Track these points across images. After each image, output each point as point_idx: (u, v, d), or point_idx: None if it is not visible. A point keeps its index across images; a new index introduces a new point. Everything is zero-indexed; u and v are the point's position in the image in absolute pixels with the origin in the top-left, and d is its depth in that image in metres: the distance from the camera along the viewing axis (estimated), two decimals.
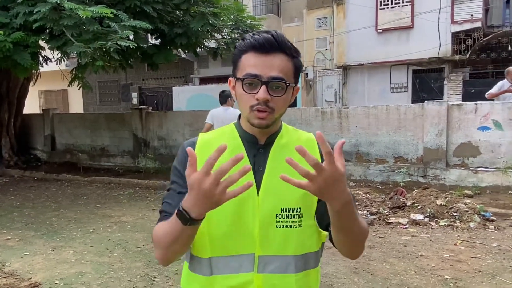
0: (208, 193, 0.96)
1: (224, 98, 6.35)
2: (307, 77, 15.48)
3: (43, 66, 9.79)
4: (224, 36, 9.95)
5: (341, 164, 0.97)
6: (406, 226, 5.35)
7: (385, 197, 6.45)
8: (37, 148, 12.72)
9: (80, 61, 7.20)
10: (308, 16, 16.05)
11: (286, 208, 1.16)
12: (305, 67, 15.25)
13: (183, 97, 14.80)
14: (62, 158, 12.00)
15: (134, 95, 18.39)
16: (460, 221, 5.31)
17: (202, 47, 9.94)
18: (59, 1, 6.23)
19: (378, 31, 14.35)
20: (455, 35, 13.31)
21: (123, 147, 11.24)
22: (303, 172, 0.95)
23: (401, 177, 7.76)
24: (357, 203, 4.57)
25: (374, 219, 5.63)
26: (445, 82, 13.75)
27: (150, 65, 9.54)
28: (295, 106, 10.83)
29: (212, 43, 10.14)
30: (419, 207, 5.73)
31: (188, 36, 8.48)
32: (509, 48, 13.29)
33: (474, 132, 7.33)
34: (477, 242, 4.73)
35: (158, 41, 9.28)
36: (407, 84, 14.45)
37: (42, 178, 10.01)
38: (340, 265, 4.08)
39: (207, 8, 8.32)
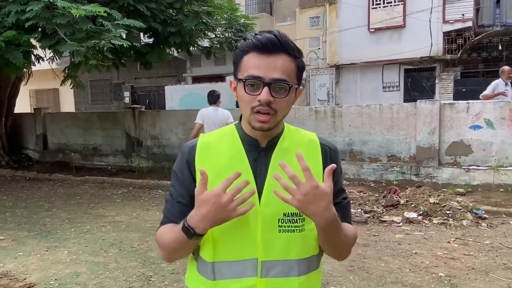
0: (223, 208, 1.02)
1: (215, 98, 6.36)
2: None
3: (35, 65, 9.70)
4: (218, 35, 9.93)
5: (328, 186, 1.01)
6: (400, 224, 5.40)
7: (379, 196, 6.50)
8: (29, 148, 12.60)
9: (73, 60, 7.14)
10: (301, 15, 16.07)
11: (289, 213, 1.14)
12: None
13: (176, 96, 14.76)
14: (54, 158, 11.91)
15: (126, 94, 18.29)
16: (453, 219, 5.37)
17: (196, 46, 9.92)
18: (52, 0, 6.18)
19: (370, 31, 14.41)
20: (447, 35, 13.40)
21: (116, 147, 11.18)
22: (283, 186, 1.00)
23: (394, 176, 7.82)
24: (352, 202, 4.57)
25: (368, 218, 5.67)
26: (437, 81, 13.85)
27: (144, 64, 9.50)
28: None
29: (206, 42, 10.13)
30: (413, 206, 5.78)
31: (182, 35, 8.46)
32: (500, 48, 13.42)
33: (466, 131, 7.40)
34: (470, 240, 4.79)
35: (152, 40, 9.24)
36: (399, 83, 14.53)
37: (34, 178, 9.94)
38: (336, 264, 4.10)
39: (201, 7, 8.32)
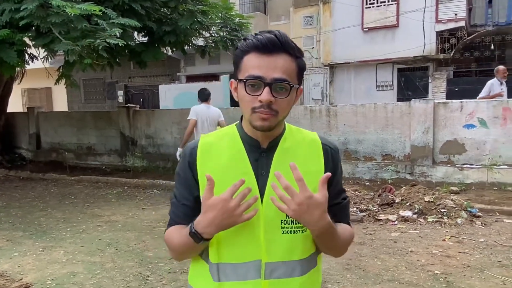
0: (230, 213, 1.04)
1: (206, 96, 6.51)
2: None
3: (29, 64, 9.63)
4: (212, 34, 9.93)
5: (322, 195, 1.03)
6: (396, 223, 5.44)
7: (374, 194, 6.53)
8: (22, 147, 12.52)
9: (68, 59, 7.09)
10: (295, 15, 16.10)
11: None
12: None
13: (170, 95, 14.74)
14: (48, 157, 11.84)
15: (120, 93, 18.16)
16: (448, 217, 5.41)
17: (190, 45, 9.91)
18: None
19: (364, 30, 14.48)
20: (440, 34, 13.50)
21: (110, 146, 11.13)
22: (278, 195, 1.03)
23: (389, 174, 7.87)
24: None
25: (364, 216, 5.70)
26: (430, 81, 13.95)
27: (138, 63, 9.46)
28: None
29: (201, 41, 10.12)
30: (408, 204, 5.82)
31: (177, 34, 8.46)
32: (492, 47, 13.55)
33: (460, 130, 7.46)
34: (465, 238, 4.83)
35: (146, 39, 9.22)
36: (393, 82, 14.61)
37: (28, 178, 9.86)
38: (332, 262, 4.12)
39: (196, 6, 8.33)
